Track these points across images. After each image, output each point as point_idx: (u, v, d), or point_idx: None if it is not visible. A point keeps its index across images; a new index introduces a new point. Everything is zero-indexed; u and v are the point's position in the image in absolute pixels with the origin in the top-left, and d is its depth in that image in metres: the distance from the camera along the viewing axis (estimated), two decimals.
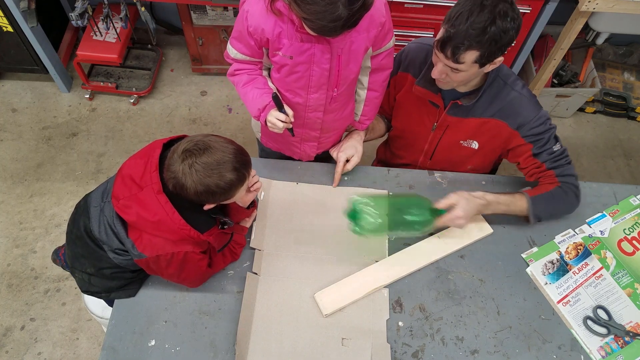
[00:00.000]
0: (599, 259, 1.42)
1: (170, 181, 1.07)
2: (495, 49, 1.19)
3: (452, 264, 1.41)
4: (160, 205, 1.09)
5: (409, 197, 1.43)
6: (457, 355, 1.27)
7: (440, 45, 1.21)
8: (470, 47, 1.17)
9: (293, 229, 1.45)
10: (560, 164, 1.40)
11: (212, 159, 1.03)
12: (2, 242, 2.29)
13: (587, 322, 1.32)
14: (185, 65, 2.91)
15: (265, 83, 1.38)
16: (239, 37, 1.30)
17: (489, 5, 1.14)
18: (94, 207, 1.22)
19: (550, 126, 1.39)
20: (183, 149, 1.04)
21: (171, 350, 1.25)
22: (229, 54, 1.37)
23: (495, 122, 1.41)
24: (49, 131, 2.64)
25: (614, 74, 2.86)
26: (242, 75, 1.38)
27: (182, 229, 1.11)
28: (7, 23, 2.35)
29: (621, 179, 2.61)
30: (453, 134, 1.50)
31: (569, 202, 1.42)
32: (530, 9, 2.14)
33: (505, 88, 1.37)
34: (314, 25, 1.09)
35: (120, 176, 1.17)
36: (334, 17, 1.03)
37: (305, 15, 1.06)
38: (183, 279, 1.25)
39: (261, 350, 1.25)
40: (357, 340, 1.27)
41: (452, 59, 1.21)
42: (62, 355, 2.03)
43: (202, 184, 1.04)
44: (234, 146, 1.08)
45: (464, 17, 1.15)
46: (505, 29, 1.15)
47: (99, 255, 1.23)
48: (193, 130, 2.66)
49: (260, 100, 1.33)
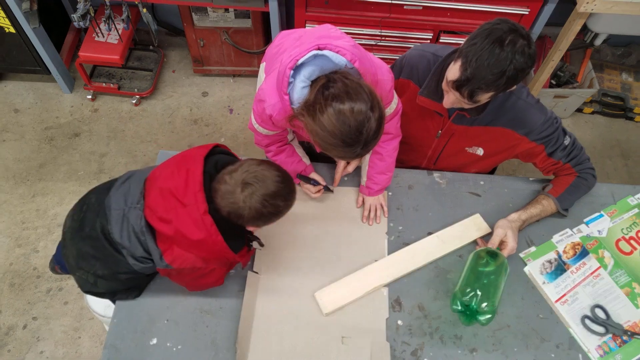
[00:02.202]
0: (597, 259, 1.44)
1: (226, 208, 1.10)
2: (511, 85, 1.18)
3: (451, 263, 1.42)
4: (205, 226, 1.10)
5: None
6: (455, 354, 1.28)
7: (457, 87, 1.19)
8: (488, 90, 1.17)
9: (293, 228, 1.46)
10: (574, 154, 1.44)
11: (269, 190, 1.09)
12: (4, 242, 2.30)
13: (585, 321, 1.33)
14: (187, 66, 2.92)
15: (294, 152, 1.46)
16: (263, 121, 1.28)
17: (509, 44, 1.10)
18: (115, 211, 1.20)
19: (557, 124, 1.41)
20: (243, 181, 1.08)
21: (173, 349, 1.26)
22: (253, 126, 1.33)
23: (501, 130, 1.41)
24: (51, 131, 2.66)
25: (612, 75, 2.86)
26: (270, 148, 1.43)
27: (222, 251, 1.13)
28: (9, 24, 2.36)
29: (619, 179, 2.62)
30: (458, 141, 1.50)
31: (588, 185, 1.49)
32: (529, 10, 2.15)
33: (511, 97, 1.36)
34: (330, 155, 1.14)
35: (157, 188, 1.16)
36: (354, 155, 1.10)
37: (325, 153, 1.12)
38: (191, 286, 1.27)
39: (262, 349, 1.26)
40: (357, 338, 1.28)
41: (467, 99, 1.20)
42: (64, 353, 2.05)
43: (258, 213, 1.09)
44: (284, 176, 1.13)
45: (483, 59, 1.11)
46: (522, 68, 1.13)
47: (116, 260, 1.21)
48: (194, 130, 2.67)
49: (293, 170, 1.46)
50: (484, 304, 1.22)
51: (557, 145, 1.42)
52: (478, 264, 1.31)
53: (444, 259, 1.43)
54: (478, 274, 1.28)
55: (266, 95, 1.19)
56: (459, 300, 1.25)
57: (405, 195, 1.54)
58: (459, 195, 1.54)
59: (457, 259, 1.43)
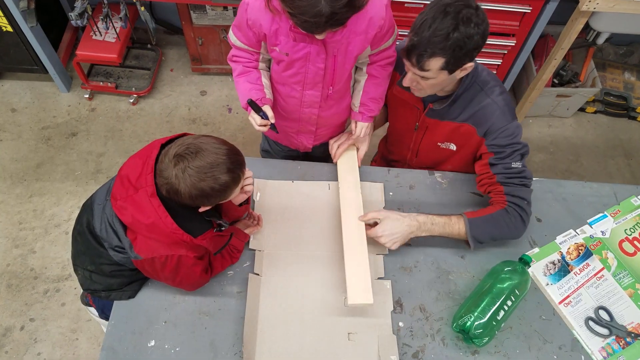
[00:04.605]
0: (600, 260, 1.42)
1: (163, 186, 1.06)
2: (461, 55, 1.18)
3: (452, 264, 1.41)
4: (153, 208, 1.08)
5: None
6: (457, 356, 1.27)
7: (406, 54, 1.21)
8: (434, 54, 1.17)
9: (291, 227, 1.44)
10: (513, 182, 1.34)
11: (204, 162, 1.02)
12: (1, 242, 2.28)
13: (589, 322, 1.32)
14: (185, 65, 2.90)
15: (259, 78, 1.39)
16: (239, 25, 1.31)
17: (452, 12, 1.13)
18: (97, 205, 1.22)
19: (516, 142, 1.33)
20: (175, 154, 1.03)
21: (171, 351, 1.24)
22: (229, 38, 1.37)
23: (467, 127, 1.39)
24: (48, 131, 2.64)
25: (615, 74, 2.85)
26: (238, 64, 1.40)
27: (174, 233, 1.10)
28: (6, 23, 2.34)
29: (622, 179, 2.61)
30: (432, 135, 1.49)
31: (512, 225, 1.34)
32: (531, 9, 2.13)
33: (481, 94, 1.34)
34: (297, 21, 1.10)
35: (119, 176, 1.17)
36: (315, 12, 1.05)
37: (290, 10, 1.08)
38: (178, 283, 1.25)
39: (268, 351, 1.25)
40: (363, 334, 1.28)
41: (417, 67, 1.21)
42: (61, 355, 2.03)
43: (196, 188, 1.03)
44: (226, 147, 1.07)
45: (427, 25, 1.15)
46: (469, 35, 1.14)
47: (99, 252, 1.23)
48: (193, 130, 2.65)
49: (248, 94, 1.36)
50: (478, 331, 1.22)
51: (503, 161, 1.33)
52: (499, 277, 1.28)
53: (446, 259, 1.41)
54: (498, 290, 1.26)
55: None
56: (456, 322, 1.26)
57: (407, 195, 1.53)
58: (460, 195, 1.53)
59: (459, 260, 1.41)
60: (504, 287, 1.26)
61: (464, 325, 1.24)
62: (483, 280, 1.32)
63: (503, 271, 1.29)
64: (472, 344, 1.25)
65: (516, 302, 1.27)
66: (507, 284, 1.26)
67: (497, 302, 1.24)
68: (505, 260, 1.34)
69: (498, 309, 1.24)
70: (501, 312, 1.24)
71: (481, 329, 1.22)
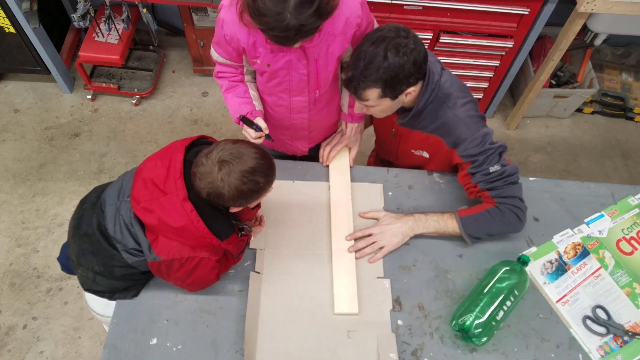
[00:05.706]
0: (598, 259, 1.43)
1: (205, 189, 1.10)
2: (396, 83, 1.22)
3: (450, 263, 1.42)
4: (185, 213, 1.11)
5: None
6: (455, 354, 1.28)
7: (345, 86, 1.28)
8: (367, 86, 1.22)
9: (292, 226, 1.46)
10: (496, 185, 1.34)
11: (247, 166, 1.09)
12: (4, 242, 2.30)
13: (587, 321, 1.33)
14: (187, 66, 2.92)
15: (246, 91, 1.40)
16: (218, 42, 1.31)
17: (383, 43, 1.18)
18: (109, 206, 1.22)
19: (488, 148, 1.32)
20: (219, 159, 1.08)
21: (173, 349, 1.26)
22: (212, 55, 1.38)
23: (435, 138, 1.41)
24: (51, 131, 2.66)
25: (612, 75, 2.87)
26: (224, 80, 1.41)
27: (204, 237, 1.13)
28: (9, 24, 2.36)
29: (619, 179, 2.62)
30: (405, 143, 1.53)
31: (507, 221, 1.36)
32: (529, 10, 2.15)
33: (444, 108, 1.34)
34: (268, 36, 1.11)
35: (141, 179, 1.17)
36: (282, 26, 1.04)
37: (259, 26, 1.08)
38: (188, 284, 1.26)
39: (269, 349, 1.26)
40: (363, 332, 1.29)
41: (357, 98, 1.28)
42: (64, 353, 2.05)
43: (238, 190, 1.09)
44: (262, 152, 1.13)
45: (361, 57, 1.20)
46: (399, 64, 1.19)
47: (110, 254, 1.23)
48: (195, 130, 2.67)
49: (238, 110, 1.37)
50: (478, 330, 1.23)
51: (480, 169, 1.34)
52: (498, 277, 1.29)
53: (444, 258, 1.43)
54: (497, 290, 1.27)
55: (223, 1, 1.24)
56: (456, 321, 1.28)
57: (405, 195, 1.54)
58: (458, 196, 1.54)
59: (457, 259, 1.43)
60: (502, 286, 1.27)
61: (463, 324, 1.25)
62: (482, 279, 1.34)
63: (502, 271, 1.31)
64: (470, 342, 1.27)
65: (515, 302, 1.28)
66: (506, 283, 1.28)
67: (496, 301, 1.26)
68: (503, 260, 1.35)
69: (497, 309, 1.25)
70: (500, 312, 1.26)
71: (481, 329, 1.24)
